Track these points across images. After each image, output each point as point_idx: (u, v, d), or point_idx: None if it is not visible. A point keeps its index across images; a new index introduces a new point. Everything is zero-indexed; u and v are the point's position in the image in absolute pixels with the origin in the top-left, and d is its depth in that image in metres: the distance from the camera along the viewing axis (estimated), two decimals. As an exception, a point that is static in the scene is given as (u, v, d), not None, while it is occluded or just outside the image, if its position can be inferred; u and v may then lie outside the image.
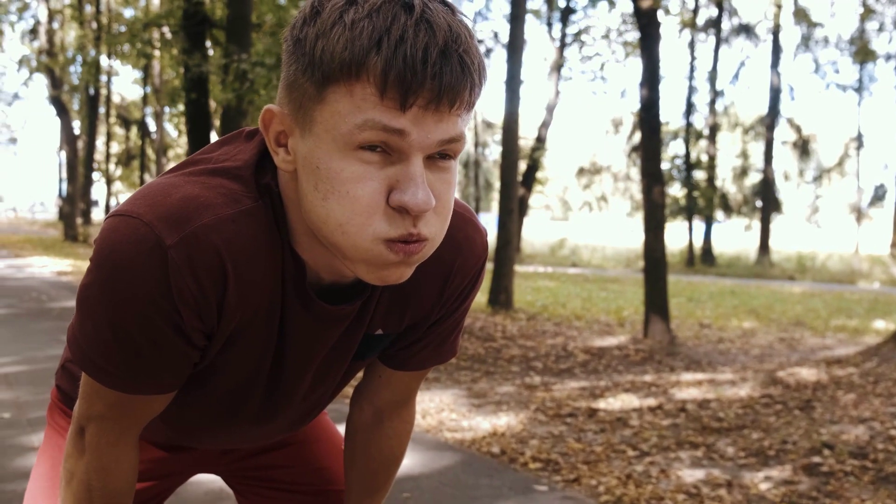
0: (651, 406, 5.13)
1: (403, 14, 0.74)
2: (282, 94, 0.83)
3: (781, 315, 11.57)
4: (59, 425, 1.22)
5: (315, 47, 0.76)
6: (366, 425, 1.21)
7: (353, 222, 0.79)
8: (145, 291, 0.82)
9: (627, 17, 22.73)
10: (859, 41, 23.63)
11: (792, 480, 3.60)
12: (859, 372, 6.24)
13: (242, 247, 0.85)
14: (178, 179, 0.88)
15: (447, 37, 0.75)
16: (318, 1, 0.79)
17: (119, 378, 0.90)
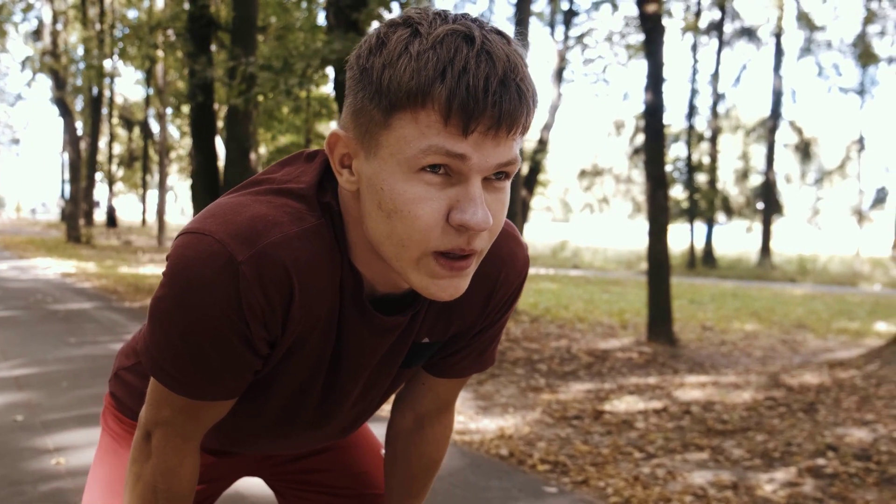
0: (656, 408, 5.18)
1: (465, 46, 0.79)
2: (347, 119, 0.87)
3: (783, 317, 11.62)
4: (113, 430, 1.28)
5: (382, 76, 0.81)
6: (407, 431, 1.27)
7: (414, 238, 0.84)
8: (217, 305, 0.87)
9: (630, 20, 22.76)
10: (862, 44, 23.67)
11: (797, 482, 3.65)
12: (862, 374, 6.28)
13: (307, 262, 0.91)
14: (245, 199, 0.93)
15: (506, 67, 0.80)
16: (384, 32, 0.83)
17: (188, 385, 0.96)
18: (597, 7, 26.01)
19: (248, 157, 12.04)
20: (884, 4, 22.48)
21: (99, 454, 1.29)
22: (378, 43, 0.83)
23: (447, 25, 0.81)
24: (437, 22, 0.82)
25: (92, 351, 6.65)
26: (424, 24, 0.81)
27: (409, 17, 0.84)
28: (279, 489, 1.42)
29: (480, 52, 0.79)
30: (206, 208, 0.95)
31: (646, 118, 8.56)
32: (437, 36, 0.80)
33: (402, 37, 0.81)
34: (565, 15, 24.76)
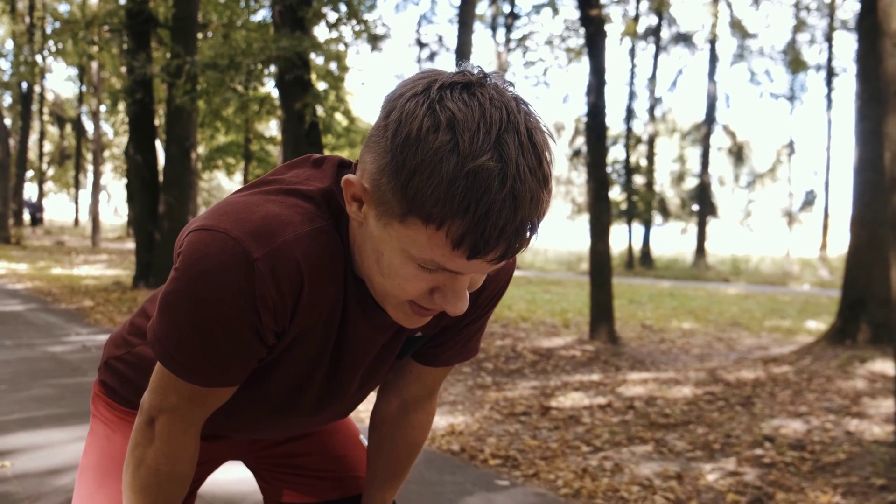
0: (601, 404, 5.30)
1: (496, 184, 0.80)
2: (367, 176, 0.88)
3: (718, 316, 11.96)
4: (105, 417, 1.30)
5: (410, 182, 0.81)
6: (392, 416, 1.32)
7: (398, 298, 0.94)
8: (233, 299, 0.91)
9: (570, 24, 23.11)
10: (792, 52, 24.50)
11: (738, 472, 3.80)
12: (794, 370, 6.53)
13: (317, 259, 0.96)
14: (256, 198, 0.97)
15: (526, 213, 0.82)
16: (422, 121, 0.82)
17: (197, 373, 0.99)
18: (538, 10, 26.34)
19: (189, 156, 11.86)
20: (812, 14, 23.28)
21: (91, 440, 1.31)
22: (416, 137, 0.82)
23: (485, 155, 0.80)
24: (478, 138, 0.80)
25: (29, 354, 6.49)
26: (465, 139, 0.80)
27: (453, 118, 0.81)
28: (261, 472, 1.45)
29: (507, 198, 0.80)
30: (216, 206, 0.98)
31: (588, 120, 8.72)
32: (472, 168, 0.79)
33: (440, 147, 0.80)
34: (506, 17, 25.02)
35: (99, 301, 10.34)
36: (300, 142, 7.89)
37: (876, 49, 7.67)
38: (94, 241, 23.90)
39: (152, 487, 1.09)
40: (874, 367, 6.37)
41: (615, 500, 3.39)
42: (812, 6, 23.92)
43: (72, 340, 7.38)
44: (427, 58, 28.44)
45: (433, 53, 28.26)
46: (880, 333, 7.45)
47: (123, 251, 22.20)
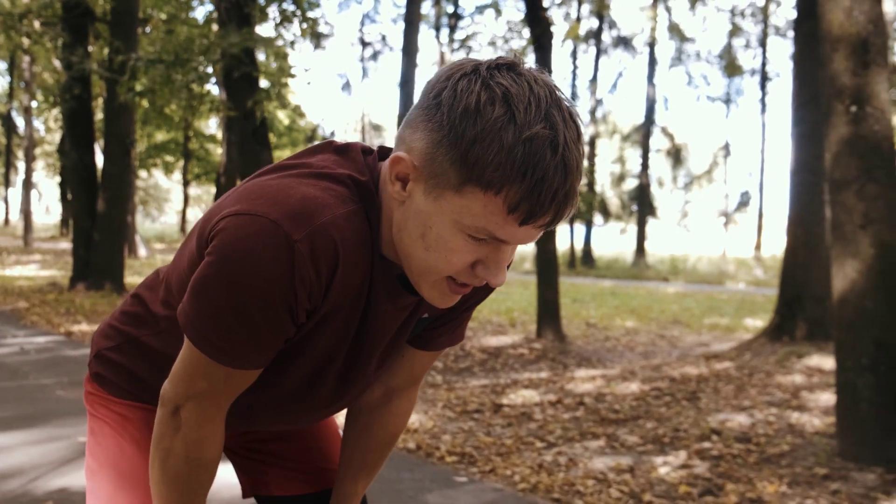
0: (552, 401, 5.37)
1: (549, 153, 0.87)
2: (419, 151, 0.93)
3: (660, 314, 12.21)
4: (104, 416, 1.28)
5: (471, 150, 0.87)
6: (374, 405, 1.34)
7: (441, 272, 0.97)
8: (274, 279, 0.93)
9: (513, 25, 23.30)
10: (728, 56, 25.13)
11: (688, 464, 3.89)
12: (735, 365, 6.72)
13: (352, 240, 0.98)
14: (288, 181, 0.98)
15: (574, 179, 0.90)
16: (482, 99, 0.87)
17: (231, 354, 1.00)
18: (481, 11, 26.50)
19: (130, 154, 11.60)
20: (748, 20, 23.92)
21: (97, 442, 1.28)
22: (475, 109, 0.87)
23: (538, 125, 0.86)
24: (531, 109, 0.87)
25: (-35, 355, 6.28)
26: (521, 111, 0.86)
27: (507, 92, 0.87)
28: (240, 462, 1.44)
29: (559, 164, 0.87)
30: (245, 189, 0.99)
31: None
32: (529, 136, 0.86)
33: (499, 118, 0.86)
34: (450, 18, 25.09)
35: (34, 302, 10.05)
36: (247, 140, 7.80)
37: (812, 54, 7.94)
38: (26, 240, 23.15)
39: (182, 476, 1.08)
40: (811, 362, 6.60)
41: (571, 494, 3.44)
42: (747, 12, 24.58)
43: (8, 343, 7.16)
44: (370, 57, 28.35)
45: (376, 52, 28.18)
46: (816, 330, 7.72)
47: (57, 251, 21.57)
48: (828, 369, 6.22)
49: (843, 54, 4.16)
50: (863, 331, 3.99)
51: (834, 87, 4.17)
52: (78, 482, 3.33)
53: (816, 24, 7.85)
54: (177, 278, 1.14)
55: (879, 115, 4.06)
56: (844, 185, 4.10)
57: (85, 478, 1.29)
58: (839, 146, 4.13)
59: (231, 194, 1.02)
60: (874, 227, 4.02)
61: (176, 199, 55.87)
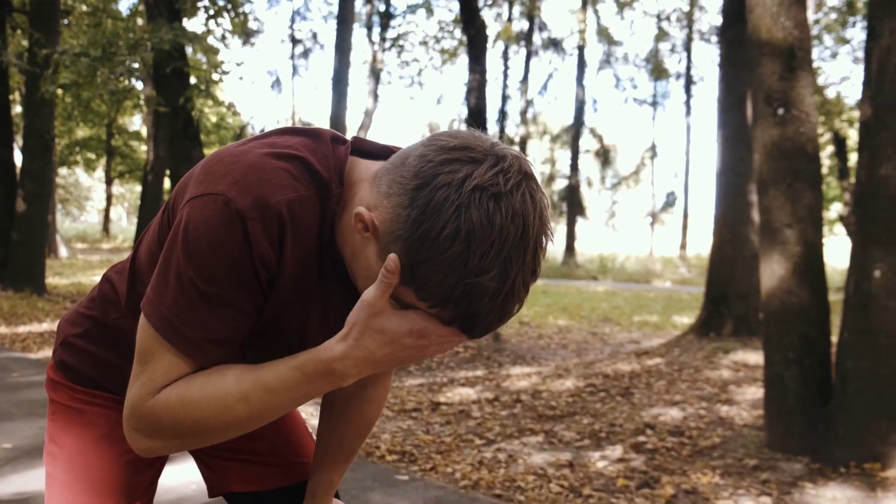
0: (489, 398, 5.41)
1: (487, 300, 0.89)
2: (383, 222, 0.93)
3: (590, 312, 12.42)
4: (69, 405, 1.25)
5: (417, 269, 0.89)
6: (349, 393, 1.33)
7: None
8: (235, 253, 0.94)
9: (445, 25, 23.36)
10: (654, 60, 25.72)
11: (624, 458, 3.97)
12: (665, 361, 6.88)
13: (302, 222, 0.99)
14: (252, 158, 0.98)
15: (511, 314, 0.93)
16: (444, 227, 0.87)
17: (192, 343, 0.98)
18: (413, 10, 26.48)
19: (51, 150, 11.21)
20: (673, 25, 24.54)
21: (54, 431, 1.25)
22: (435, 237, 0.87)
23: (488, 275, 0.87)
24: (488, 257, 0.87)
25: None
26: (476, 256, 0.86)
27: (472, 233, 0.86)
28: (207, 460, 1.41)
29: (494, 309, 0.90)
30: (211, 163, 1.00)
31: (469, 121, 8.86)
32: (472, 283, 0.87)
33: (452, 256, 0.86)
34: (381, 17, 25.02)
35: (-51, 304, 9.62)
36: (177, 136, 7.61)
37: (738, 59, 8.18)
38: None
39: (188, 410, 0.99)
40: (737, 357, 6.80)
41: (513, 489, 3.47)
42: (673, 17, 25.21)
43: (-77, 346, 6.84)
44: (301, 54, 28.04)
45: (307, 50, 27.88)
46: (741, 326, 7.96)
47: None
48: (753, 364, 6.43)
49: (770, 59, 4.30)
50: (789, 326, 4.13)
51: (762, 91, 4.31)
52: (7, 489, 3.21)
53: (742, 30, 8.10)
54: (146, 254, 1.13)
55: (805, 118, 4.22)
56: (772, 186, 4.24)
57: (44, 462, 1.26)
58: (767, 148, 4.27)
59: (200, 164, 1.03)
60: (800, 225, 4.17)
61: (98, 198, 54.27)
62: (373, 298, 0.92)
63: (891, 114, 3.77)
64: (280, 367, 0.98)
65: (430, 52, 25.49)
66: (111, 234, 31.74)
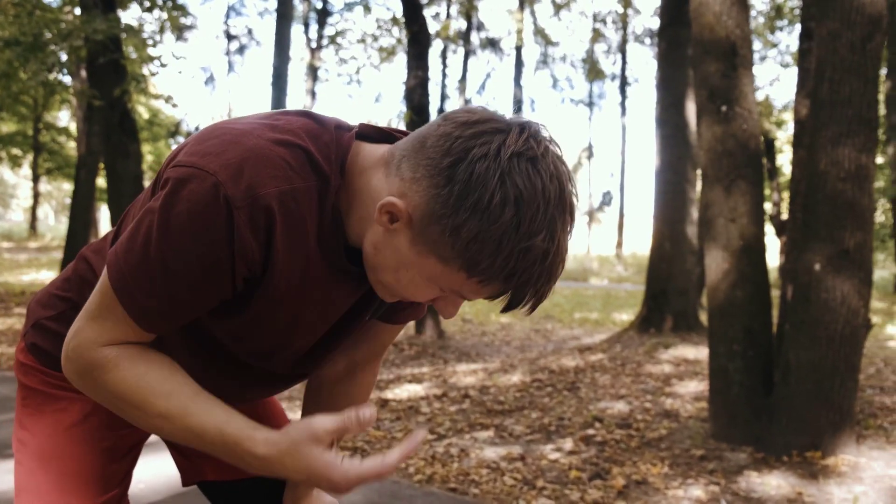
0: (437, 394, 5.40)
1: (539, 263, 0.90)
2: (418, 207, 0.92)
3: (532, 309, 12.52)
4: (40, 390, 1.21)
5: (468, 246, 0.89)
6: (337, 378, 1.31)
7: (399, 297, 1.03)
8: (211, 241, 0.91)
9: (383, 23, 23.27)
10: (590, 61, 26.10)
11: (575, 450, 4.01)
12: (608, 356, 6.98)
13: (294, 215, 0.95)
14: (250, 140, 0.94)
15: (554, 282, 0.94)
16: (493, 196, 0.87)
17: (143, 311, 0.95)
18: (350, 8, 26.32)
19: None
20: (609, 27, 24.94)
21: (24, 417, 1.20)
22: (486, 207, 0.87)
23: (539, 236, 0.88)
24: (537, 218, 0.88)
25: None
26: (527, 219, 0.87)
27: (520, 196, 0.87)
28: (182, 448, 1.36)
29: (544, 273, 0.91)
30: (207, 135, 0.95)
31: (413, 118, 8.84)
32: (525, 247, 0.88)
33: (504, 223, 0.87)
34: (319, 14, 24.80)
35: None
36: (113, 130, 7.40)
37: (676, 59, 8.36)
38: None
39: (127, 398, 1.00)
40: (677, 352, 6.95)
41: (467, 483, 3.47)
42: (608, 19, 25.62)
43: None
44: (236, 51, 27.61)
45: (243, 46, 27.47)
46: (680, 322, 8.14)
47: None
48: (692, 359, 6.57)
49: (713, 57, 4.39)
50: (733, 318, 4.23)
51: (706, 88, 4.40)
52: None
53: (680, 31, 8.28)
54: None
55: (747, 115, 4.32)
56: (716, 181, 4.34)
57: (13, 449, 1.22)
58: (711, 144, 4.36)
59: (194, 136, 0.99)
60: (742, 220, 4.27)
61: (23, 196, 52.50)
62: (321, 429, 0.94)
63: (829, 112, 3.89)
64: (210, 417, 0.98)
65: (368, 50, 25.38)
66: (38, 233, 30.74)
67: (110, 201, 8.19)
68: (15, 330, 7.95)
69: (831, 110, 3.88)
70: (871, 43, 3.83)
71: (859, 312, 3.87)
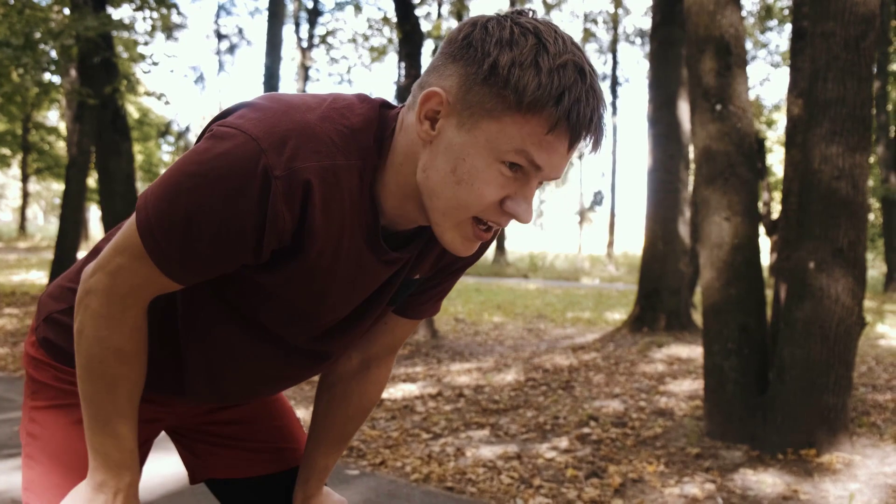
0: (432, 394, 5.40)
1: (580, 79, 0.91)
2: (454, 86, 0.93)
3: (524, 309, 12.53)
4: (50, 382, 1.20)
5: (510, 74, 0.89)
6: (351, 373, 1.31)
7: (471, 208, 0.95)
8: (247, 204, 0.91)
9: (374, 23, 23.26)
10: (581, 61, 26.10)
11: (570, 449, 4.01)
12: (601, 355, 6.99)
13: (333, 192, 0.96)
14: (300, 117, 0.95)
15: (602, 106, 0.94)
16: (515, 32, 0.91)
17: (164, 254, 0.95)
18: (341, 7, 26.30)
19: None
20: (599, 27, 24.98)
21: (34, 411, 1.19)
22: (510, 40, 0.90)
23: (567, 54, 0.91)
24: (560, 43, 0.91)
25: None
26: (551, 43, 0.90)
27: (537, 28, 0.91)
28: (191, 445, 1.36)
29: (590, 90, 0.92)
30: (262, 100, 0.97)
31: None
32: (562, 62, 0.90)
33: (533, 46, 0.90)
34: (309, 13, 24.77)
35: None
36: (105, 129, 7.36)
37: (668, 58, 8.37)
38: None
39: (95, 361, 1.03)
40: (670, 351, 6.96)
41: (464, 482, 3.47)
42: (599, 19, 25.66)
43: None
44: (227, 50, 27.54)
45: (233, 45, 27.40)
46: (673, 321, 8.16)
47: None
48: (685, 357, 6.59)
49: (708, 56, 4.40)
50: (728, 316, 4.24)
51: (700, 87, 4.41)
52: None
53: (672, 30, 8.30)
54: None
55: (742, 114, 4.34)
56: (710, 180, 4.35)
57: (22, 443, 1.20)
58: (705, 143, 4.37)
59: (248, 104, 0.99)
60: (736, 219, 4.29)
61: (12, 196, 52.22)
62: None
63: (823, 110, 3.90)
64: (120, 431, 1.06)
65: (359, 49, 25.38)
66: (28, 233, 30.58)
67: (102, 200, 8.14)
68: (6, 331, 7.91)
69: (825, 109, 3.89)
70: (864, 42, 3.84)
71: (853, 310, 3.89)
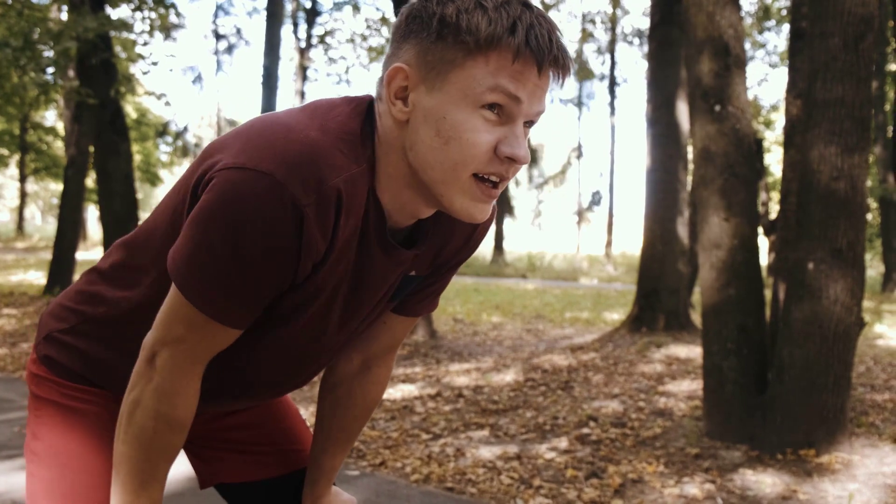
0: (431, 394, 5.40)
1: (526, 9, 0.94)
2: (412, 56, 0.96)
3: (523, 309, 12.53)
4: (56, 401, 1.19)
5: (459, 21, 0.91)
6: (352, 374, 1.31)
7: (467, 163, 0.95)
8: (282, 247, 0.91)
9: (373, 23, 23.25)
10: (579, 61, 26.14)
11: (570, 449, 4.01)
12: (600, 356, 7.00)
13: (353, 201, 0.97)
14: (298, 132, 0.94)
15: (557, 29, 0.97)
16: None
17: (217, 307, 0.96)
18: (339, 7, 26.28)
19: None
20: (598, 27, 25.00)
21: (38, 427, 1.18)
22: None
23: None
24: None
25: None
26: None
27: None
28: (199, 451, 1.36)
29: (540, 16, 0.94)
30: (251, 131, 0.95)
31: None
32: (505, 1, 0.93)
33: None
34: (307, 13, 24.76)
35: None
36: (104, 130, 7.36)
37: (667, 58, 8.38)
38: None
39: (148, 433, 1.02)
40: (669, 351, 6.97)
41: (464, 482, 3.47)
42: (597, 19, 25.68)
43: None
44: (225, 50, 27.52)
45: (231, 46, 27.38)
46: (672, 321, 8.16)
47: None
48: (684, 358, 6.59)
49: (707, 56, 4.41)
50: (727, 317, 4.25)
51: (699, 88, 4.42)
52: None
53: (670, 31, 8.31)
54: (161, 232, 1.08)
55: (740, 115, 4.34)
56: (709, 180, 4.35)
57: (25, 460, 1.20)
58: (704, 143, 4.38)
59: (234, 133, 0.98)
60: (735, 219, 4.29)
61: (9, 196, 52.17)
62: None
63: (821, 111, 3.91)
64: None
65: (357, 50, 25.38)
66: (26, 234, 30.55)
67: (100, 200, 8.14)
68: (5, 331, 7.90)
69: (824, 109, 3.90)
70: (863, 43, 3.85)
71: (852, 310, 3.90)
